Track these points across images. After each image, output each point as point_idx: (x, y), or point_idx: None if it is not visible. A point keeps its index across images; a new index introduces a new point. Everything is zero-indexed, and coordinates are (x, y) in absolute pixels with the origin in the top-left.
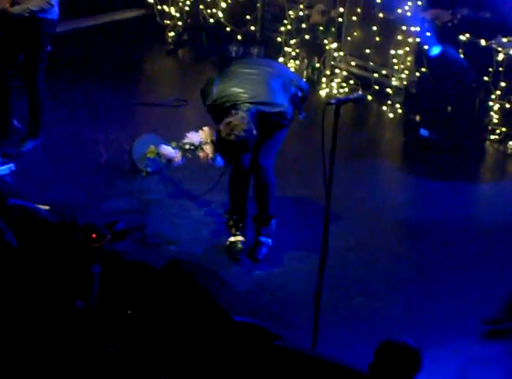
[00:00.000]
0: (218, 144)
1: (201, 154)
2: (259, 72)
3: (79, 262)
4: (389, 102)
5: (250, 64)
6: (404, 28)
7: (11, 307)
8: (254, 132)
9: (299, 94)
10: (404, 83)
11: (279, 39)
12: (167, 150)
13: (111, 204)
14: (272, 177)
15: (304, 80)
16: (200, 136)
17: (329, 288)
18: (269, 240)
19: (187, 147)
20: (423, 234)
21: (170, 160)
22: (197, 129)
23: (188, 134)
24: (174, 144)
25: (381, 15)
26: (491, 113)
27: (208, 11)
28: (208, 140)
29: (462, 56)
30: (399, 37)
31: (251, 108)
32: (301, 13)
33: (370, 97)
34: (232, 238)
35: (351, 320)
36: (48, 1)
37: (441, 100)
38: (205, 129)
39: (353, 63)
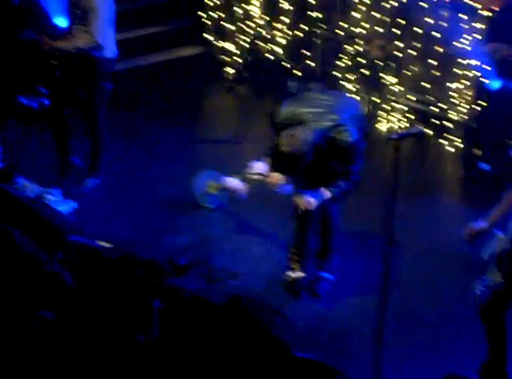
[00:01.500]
0: (275, 153)
1: (270, 180)
2: (330, 98)
3: (140, 297)
4: (448, 136)
5: (321, 91)
6: (463, 61)
7: (72, 345)
8: (311, 149)
9: (365, 129)
10: (464, 117)
11: (337, 74)
12: (232, 182)
13: (173, 239)
14: (337, 213)
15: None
16: (265, 165)
17: (390, 322)
18: (331, 275)
19: (255, 177)
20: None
21: (234, 192)
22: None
23: (252, 164)
24: (237, 176)
25: (440, 49)
26: None
27: (267, 47)
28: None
29: None
30: (458, 71)
31: (317, 129)
32: (359, 48)
33: (429, 131)
34: (293, 274)
35: (413, 354)
36: (94, 40)
37: (502, 134)
38: (267, 159)
39: (412, 97)
